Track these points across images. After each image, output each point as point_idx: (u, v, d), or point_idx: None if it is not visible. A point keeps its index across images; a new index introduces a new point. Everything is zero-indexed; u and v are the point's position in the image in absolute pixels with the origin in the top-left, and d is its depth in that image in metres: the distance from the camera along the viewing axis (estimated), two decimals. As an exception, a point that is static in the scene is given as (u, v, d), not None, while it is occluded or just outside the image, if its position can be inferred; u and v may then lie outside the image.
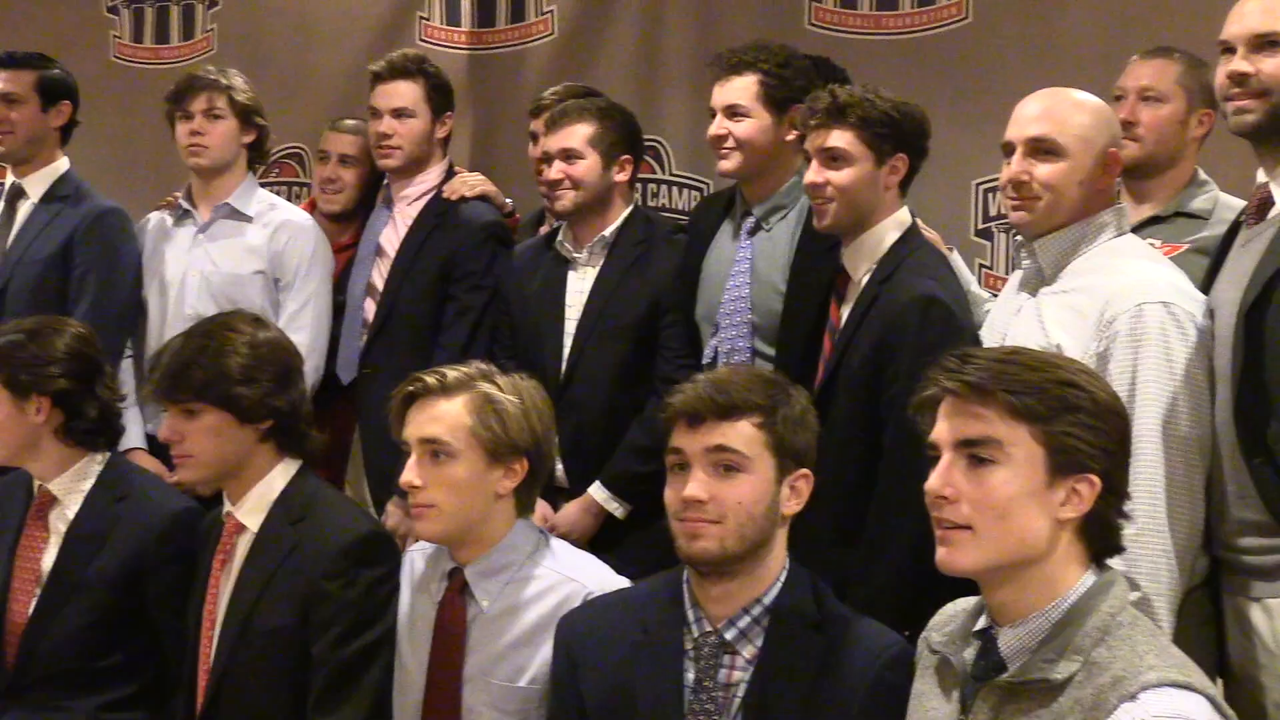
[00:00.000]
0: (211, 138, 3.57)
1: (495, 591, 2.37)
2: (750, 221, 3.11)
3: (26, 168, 3.68)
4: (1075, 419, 1.72)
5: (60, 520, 2.83)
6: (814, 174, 2.75)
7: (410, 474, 2.35)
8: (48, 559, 2.81)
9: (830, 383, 2.72)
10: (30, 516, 2.87)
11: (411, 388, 2.39)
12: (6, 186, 3.72)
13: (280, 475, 2.62)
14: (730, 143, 3.05)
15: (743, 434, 2.08)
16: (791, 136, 3.01)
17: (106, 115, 4.34)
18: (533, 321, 3.34)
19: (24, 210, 3.66)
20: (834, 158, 2.73)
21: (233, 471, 2.61)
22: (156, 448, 3.43)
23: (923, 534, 1.81)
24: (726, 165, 3.08)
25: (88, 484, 2.85)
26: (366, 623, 2.46)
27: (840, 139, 2.72)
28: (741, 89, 3.04)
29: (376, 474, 3.54)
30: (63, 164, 3.71)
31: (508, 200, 3.77)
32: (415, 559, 2.52)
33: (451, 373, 2.39)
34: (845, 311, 2.79)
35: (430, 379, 2.37)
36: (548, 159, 3.30)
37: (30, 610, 2.79)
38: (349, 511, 2.67)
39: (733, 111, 3.05)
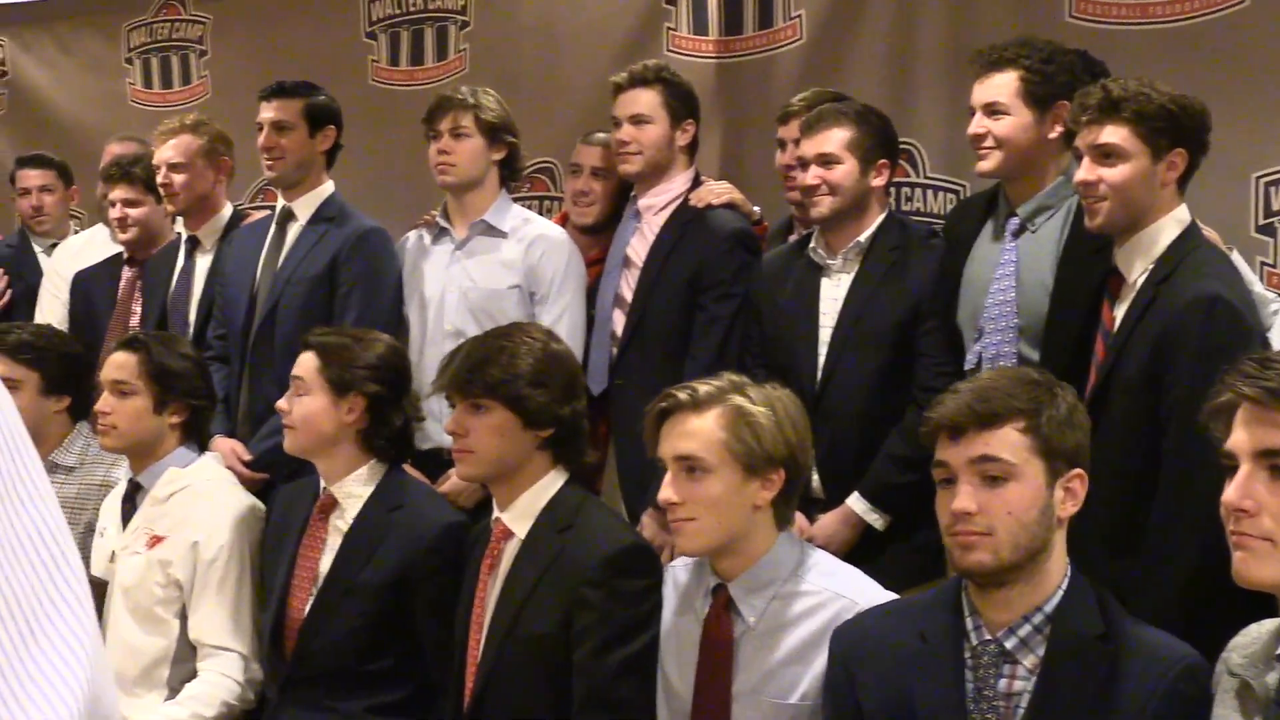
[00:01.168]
0: (458, 156, 3.71)
1: (761, 607, 2.39)
2: (1014, 223, 3.08)
3: (295, 191, 3.89)
4: None
5: (339, 523, 3.02)
6: (1086, 172, 2.71)
7: (667, 491, 2.40)
8: (326, 560, 3.00)
9: (1104, 387, 2.68)
10: (314, 517, 3.07)
11: (664, 404, 2.44)
12: (278, 210, 3.95)
13: (550, 484, 2.73)
14: (989, 141, 3.03)
15: (1007, 441, 2.06)
16: (1056, 134, 2.97)
17: (366, 137, 4.55)
18: (786, 330, 3.37)
19: (293, 231, 3.88)
20: (1107, 154, 2.69)
21: (507, 474, 2.73)
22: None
23: (1210, 545, 1.77)
24: (985, 165, 3.06)
25: (367, 491, 3.03)
26: (629, 633, 2.53)
27: (1114, 134, 2.68)
28: (1001, 86, 3.02)
29: (631, 485, 3.62)
30: (328, 187, 3.92)
31: (755, 208, 3.81)
32: (678, 573, 2.57)
33: (703, 387, 2.42)
34: (1119, 313, 2.74)
35: (682, 395, 2.41)
36: (803, 164, 3.33)
37: (307, 609, 2.98)
38: (614, 522, 2.77)
39: (992, 109, 3.03)
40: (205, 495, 3.23)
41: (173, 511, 3.21)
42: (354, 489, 3.04)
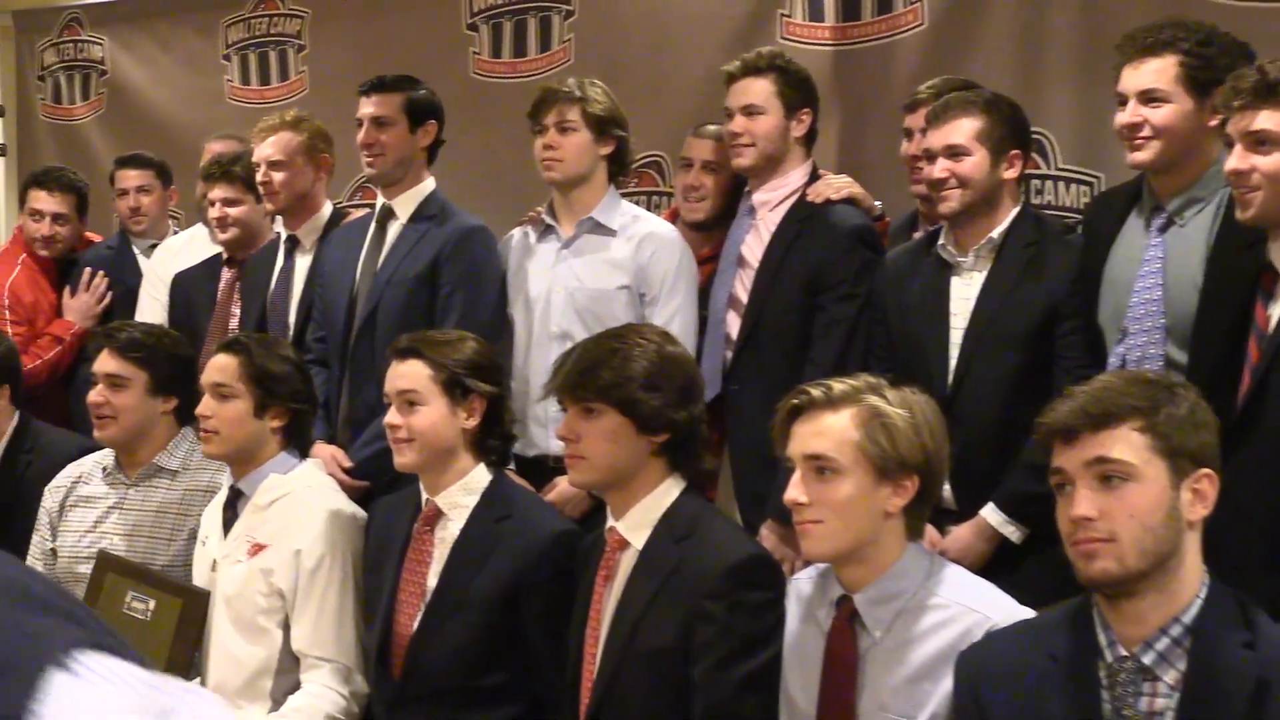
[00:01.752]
0: (564, 150, 3.67)
1: (887, 620, 2.34)
2: (1161, 217, 2.96)
3: (396, 189, 3.87)
4: None
5: (445, 535, 3.00)
6: (1238, 160, 2.60)
7: (795, 490, 2.35)
8: (433, 574, 2.98)
9: (1259, 392, 2.57)
10: (418, 530, 3.04)
11: (796, 401, 2.40)
12: (377, 208, 3.93)
13: (667, 492, 2.69)
14: (1146, 131, 2.90)
15: (1124, 441, 2.02)
16: (1215, 122, 2.84)
17: (468, 132, 4.52)
18: (913, 332, 3.28)
19: (394, 231, 3.86)
20: (1261, 141, 2.57)
21: (622, 481, 2.69)
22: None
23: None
24: (1142, 156, 2.93)
25: (472, 500, 3.01)
26: (751, 648, 2.49)
27: (1270, 120, 2.56)
28: (1158, 71, 2.89)
29: (748, 495, 3.56)
30: (429, 184, 3.90)
31: (876, 203, 3.73)
32: (801, 585, 2.52)
33: (838, 385, 2.38)
34: (1274, 312, 2.63)
35: (815, 391, 2.37)
36: (929, 157, 3.24)
37: (415, 624, 2.95)
38: (734, 532, 2.72)
39: (1149, 97, 2.90)
40: (307, 502, 3.22)
41: (274, 519, 3.20)
42: (459, 499, 3.02)
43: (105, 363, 3.58)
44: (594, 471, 2.70)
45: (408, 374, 3.04)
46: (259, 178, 4.11)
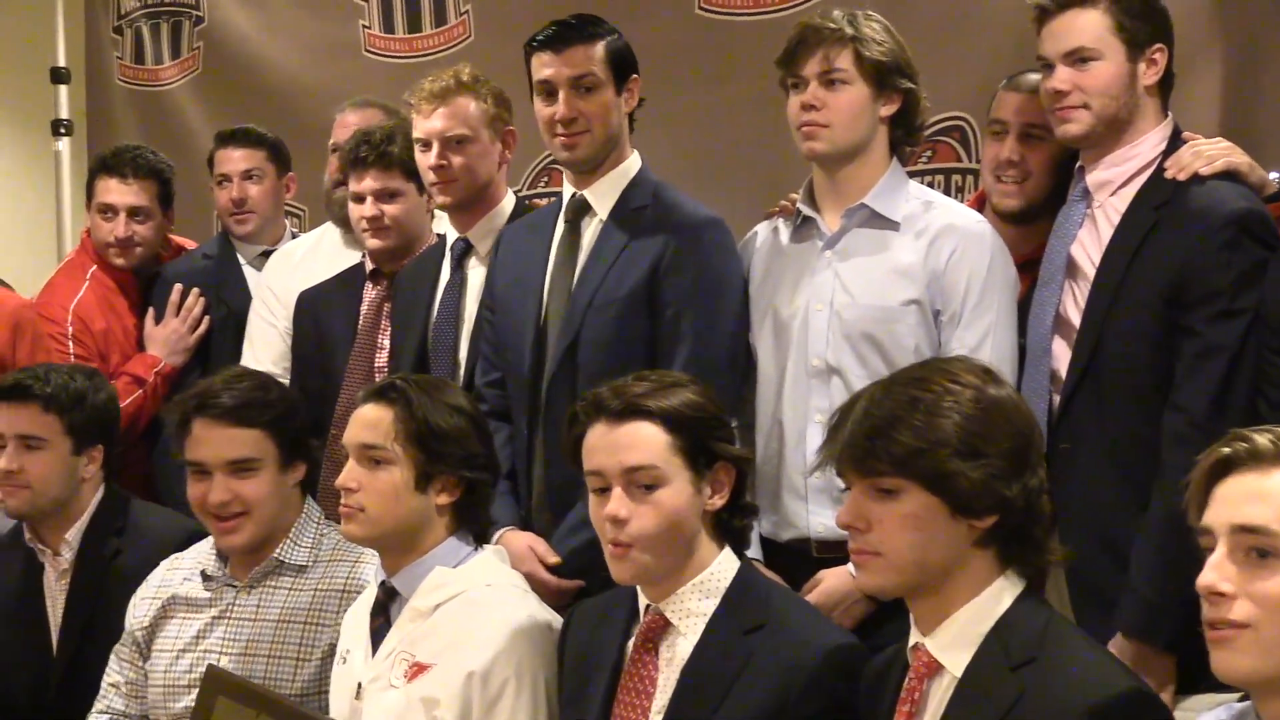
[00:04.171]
0: (832, 111, 3.66)
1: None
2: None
3: (593, 174, 3.88)
4: None
5: (672, 655, 3.02)
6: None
7: (1214, 575, 2.31)
8: (656, 709, 3.00)
9: None
10: (636, 649, 3.07)
11: (1227, 450, 2.36)
12: (565, 200, 3.94)
13: (997, 597, 2.67)
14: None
15: None
16: None
17: (690, 89, 4.55)
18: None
19: (590, 232, 3.89)
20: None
21: (931, 583, 2.68)
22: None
23: None
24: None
25: (711, 605, 3.02)
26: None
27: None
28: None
29: (1087, 593, 3.51)
30: (633, 162, 3.92)
31: (1272, 175, 3.66)
32: None
33: (1261, 437, 2.34)
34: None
35: (1262, 439, 2.33)
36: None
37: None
38: (1102, 661, 2.64)
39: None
40: (485, 607, 3.27)
41: (441, 630, 3.26)
42: (692, 604, 3.04)
43: (221, 444, 3.67)
44: (892, 573, 2.68)
45: (639, 443, 3.05)
46: (429, 161, 4.17)
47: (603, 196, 3.92)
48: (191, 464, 3.72)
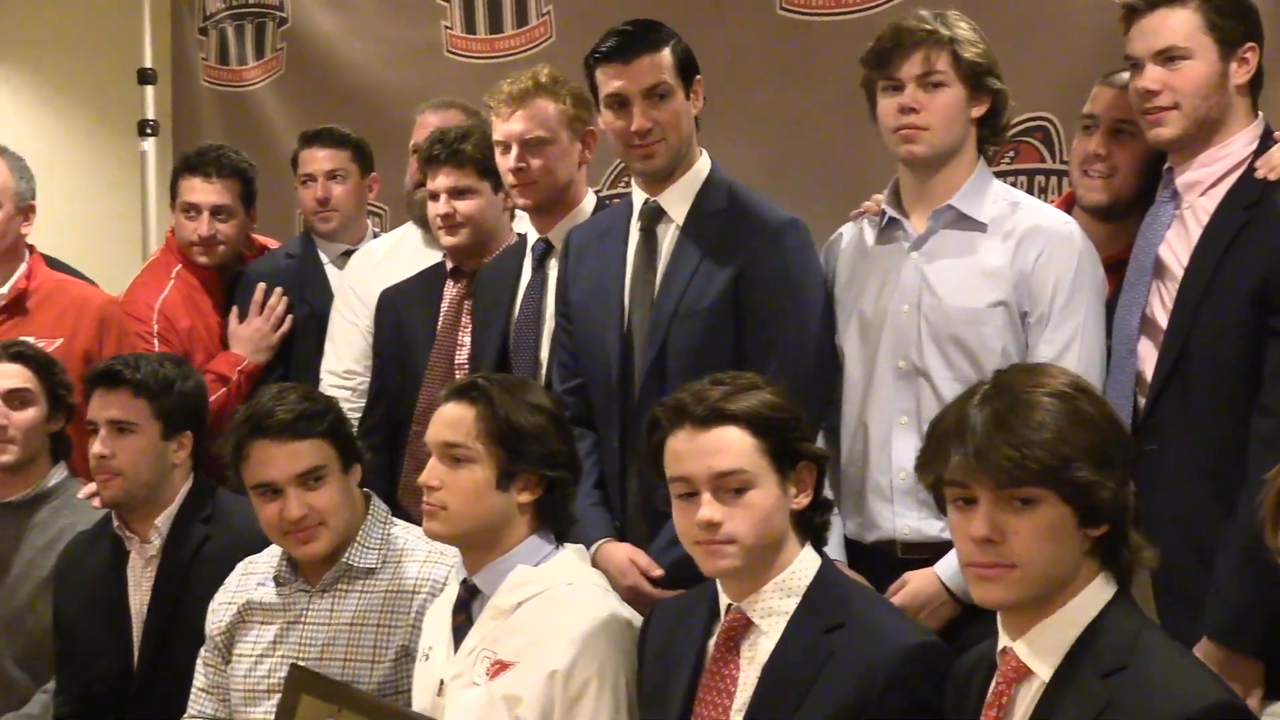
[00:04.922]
0: (931, 114, 3.64)
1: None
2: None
3: (665, 180, 3.85)
4: None
5: (754, 654, 3.02)
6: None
7: None
8: (737, 708, 2.99)
9: None
10: (717, 648, 3.07)
11: None
12: (637, 205, 3.91)
13: (1093, 601, 2.64)
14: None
15: None
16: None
17: (768, 88, 4.53)
18: None
19: (668, 239, 3.86)
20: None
21: (1047, 593, 2.64)
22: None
23: None
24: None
25: (791, 603, 3.03)
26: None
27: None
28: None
29: (1174, 597, 3.45)
30: (704, 163, 3.89)
31: (1376, 174, 3.62)
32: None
33: None
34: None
35: None
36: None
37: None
38: (1190, 667, 2.62)
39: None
40: (567, 605, 3.27)
41: (523, 628, 3.26)
42: (774, 602, 3.04)
43: (286, 460, 3.68)
44: (1026, 585, 2.62)
45: (727, 448, 3.03)
46: (508, 163, 4.18)
47: (677, 202, 3.90)
48: (258, 487, 3.72)
